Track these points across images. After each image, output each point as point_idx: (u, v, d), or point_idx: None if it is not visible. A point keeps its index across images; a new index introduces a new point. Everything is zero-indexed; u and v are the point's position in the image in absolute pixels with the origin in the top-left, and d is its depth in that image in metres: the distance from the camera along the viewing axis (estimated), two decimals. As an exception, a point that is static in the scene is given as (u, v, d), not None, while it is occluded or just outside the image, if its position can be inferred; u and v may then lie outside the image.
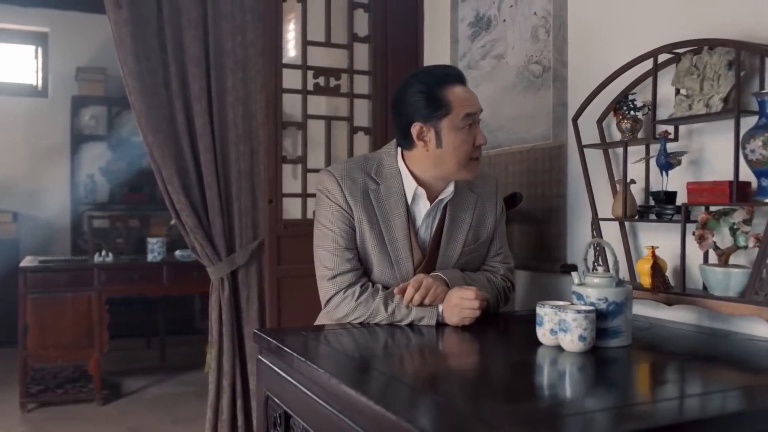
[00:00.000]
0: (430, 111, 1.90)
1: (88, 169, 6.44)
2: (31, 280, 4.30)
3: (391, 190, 2.00)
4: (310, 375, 1.47)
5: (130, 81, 2.97)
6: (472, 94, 1.97)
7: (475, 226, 2.06)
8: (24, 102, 6.39)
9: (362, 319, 1.93)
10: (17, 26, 6.31)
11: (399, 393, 1.32)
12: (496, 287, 2.09)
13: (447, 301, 1.89)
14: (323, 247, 2.01)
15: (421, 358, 1.73)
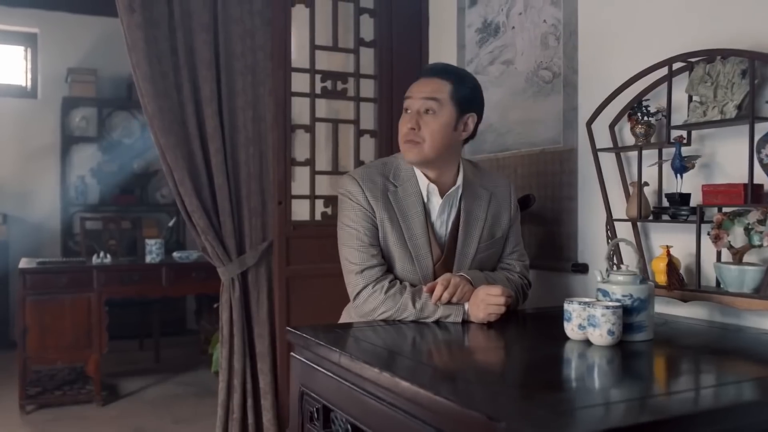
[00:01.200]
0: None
1: (78, 171, 6.42)
2: (31, 282, 4.30)
3: (408, 191, 2.08)
4: (357, 369, 1.53)
5: (142, 84, 3.01)
6: (421, 83, 2.03)
7: (490, 224, 2.11)
8: (13, 103, 6.35)
9: (389, 313, 1.99)
10: (5, 26, 6.28)
11: (449, 383, 1.40)
12: (515, 285, 2.15)
13: (474, 297, 1.96)
14: (348, 245, 2.07)
15: (458, 352, 1.81)
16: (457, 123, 2.01)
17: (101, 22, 6.43)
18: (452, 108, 1.99)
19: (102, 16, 6.40)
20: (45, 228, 6.33)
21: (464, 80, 2.06)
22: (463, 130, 2.04)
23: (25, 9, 6.15)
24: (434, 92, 1.99)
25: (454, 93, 1.99)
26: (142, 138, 6.50)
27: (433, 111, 1.98)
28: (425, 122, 1.98)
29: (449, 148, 2.02)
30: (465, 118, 2.03)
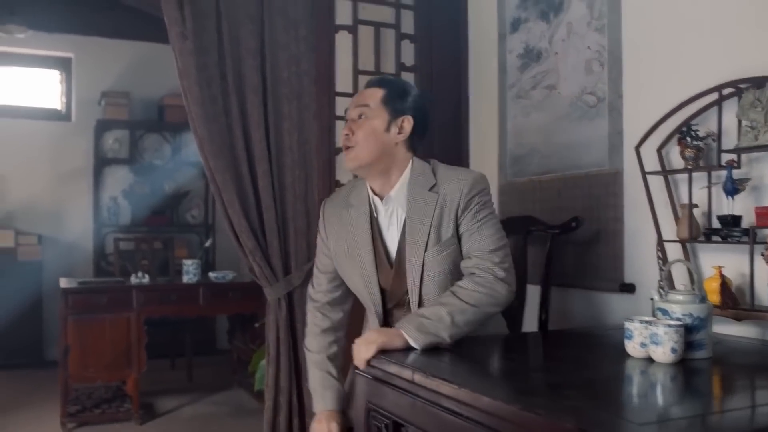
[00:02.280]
0: None
1: (111, 192, 6.53)
2: (72, 302, 4.38)
3: (359, 209, 2.14)
4: (432, 386, 1.59)
5: (193, 108, 3.09)
6: (357, 95, 2.18)
7: (436, 225, 2.04)
8: (48, 126, 6.49)
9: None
10: (42, 51, 6.43)
11: (526, 397, 1.45)
12: (458, 307, 1.93)
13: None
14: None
15: (522, 368, 1.87)
16: (389, 125, 2.07)
17: (133, 47, 6.58)
18: (384, 111, 2.06)
19: (134, 41, 6.57)
20: (78, 248, 6.44)
21: (396, 85, 2.16)
22: (398, 132, 2.08)
23: (61, 34, 6.31)
24: (366, 99, 2.09)
25: (386, 98, 2.08)
26: (173, 160, 6.62)
27: (365, 115, 2.07)
28: (358, 126, 2.06)
29: (385, 149, 2.06)
30: (399, 121, 2.07)
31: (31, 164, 6.33)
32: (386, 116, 2.06)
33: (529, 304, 2.73)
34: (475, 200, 2.03)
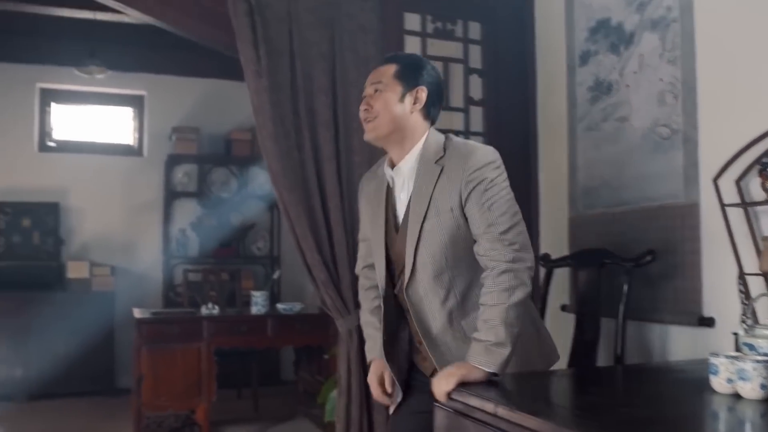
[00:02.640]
0: None
1: (179, 224, 6.71)
2: (146, 332, 4.50)
3: (381, 180, 2.22)
4: (517, 419, 1.59)
5: (268, 144, 3.18)
6: (371, 73, 2.21)
7: (436, 197, 2.05)
8: (122, 161, 6.73)
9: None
10: (117, 90, 6.69)
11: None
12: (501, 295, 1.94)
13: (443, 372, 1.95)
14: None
15: (608, 402, 1.84)
16: (403, 96, 2.11)
17: (202, 84, 6.80)
18: (397, 85, 2.12)
19: (203, 78, 6.78)
20: (148, 279, 6.61)
21: (408, 59, 2.22)
22: (414, 102, 2.12)
23: (135, 73, 6.56)
24: (379, 76, 2.16)
25: (398, 72, 2.14)
26: (239, 193, 6.77)
27: (380, 90, 2.13)
28: (374, 99, 2.13)
29: (401, 120, 2.11)
30: (413, 92, 2.12)
31: (105, 198, 6.57)
32: (400, 88, 2.12)
33: (603, 338, 2.71)
34: (479, 175, 2.01)
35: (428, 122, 2.16)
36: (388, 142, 2.15)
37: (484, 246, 1.99)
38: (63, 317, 6.06)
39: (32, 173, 6.45)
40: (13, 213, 6.32)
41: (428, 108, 2.15)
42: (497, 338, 1.89)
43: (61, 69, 6.40)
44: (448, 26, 3.54)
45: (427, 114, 2.15)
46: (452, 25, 3.54)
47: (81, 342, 6.00)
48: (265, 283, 6.79)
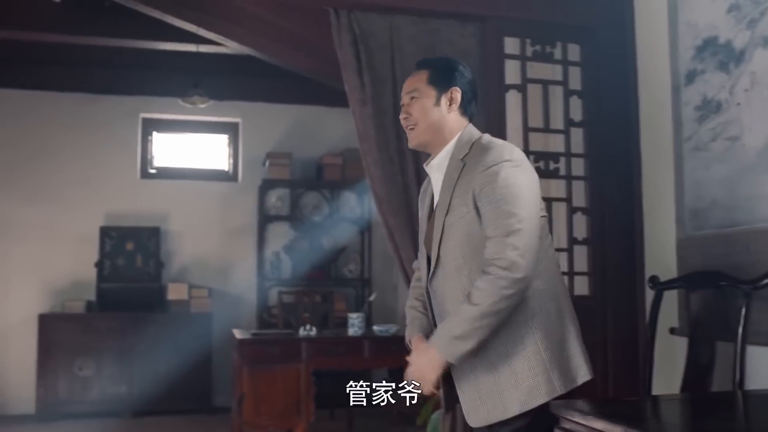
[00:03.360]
0: None
1: (273, 248, 6.88)
2: (248, 352, 4.61)
3: (428, 179, 2.36)
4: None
5: (373, 170, 3.26)
6: (407, 81, 2.30)
7: (457, 193, 2.12)
8: (218, 186, 6.96)
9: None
10: (213, 118, 6.94)
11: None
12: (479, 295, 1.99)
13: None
14: None
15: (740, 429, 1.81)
16: (438, 99, 2.20)
17: (295, 110, 7.00)
18: (431, 89, 2.20)
19: (295, 105, 6.98)
20: (243, 301, 6.80)
21: (439, 63, 2.30)
22: (449, 104, 2.21)
23: (230, 101, 6.79)
24: (413, 85, 2.25)
25: (430, 78, 2.22)
26: (331, 216, 6.90)
27: (415, 97, 2.22)
28: (411, 107, 2.23)
29: (439, 122, 2.20)
30: (447, 93, 2.21)
31: (202, 222, 6.81)
32: (434, 93, 2.20)
33: (718, 363, 2.65)
34: (491, 173, 2.04)
35: (465, 119, 2.25)
36: (431, 147, 2.26)
37: (490, 250, 2.01)
38: (164, 337, 6.30)
39: (135, 199, 6.75)
40: (117, 237, 6.61)
41: (464, 106, 2.24)
42: (462, 332, 1.98)
43: (162, 99, 6.71)
44: (548, 49, 3.55)
45: (464, 112, 2.24)
46: (551, 47, 3.55)
47: (181, 361, 6.21)
48: (356, 305, 6.88)
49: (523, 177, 2.05)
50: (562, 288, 2.19)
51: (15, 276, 6.44)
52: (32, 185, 6.50)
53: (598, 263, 3.51)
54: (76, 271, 6.54)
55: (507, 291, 1.95)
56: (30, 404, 6.12)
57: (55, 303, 6.42)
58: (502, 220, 1.98)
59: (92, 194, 6.60)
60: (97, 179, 6.63)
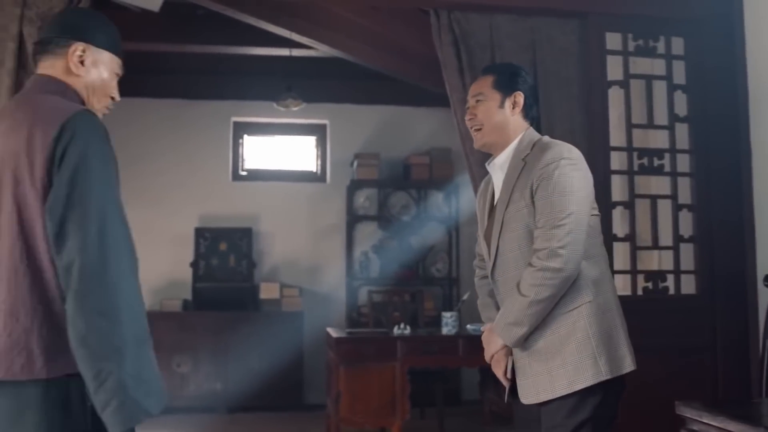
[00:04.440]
0: None
1: (361, 247, 6.95)
2: (344, 351, 4.69)
3: (488, 178, 2.45)
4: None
5: (476, 170, 3.26)
6: (473, 84, 2.43)
7: (516, 189, 2.22)
8: (306, 187, 7.09)
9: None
10: (301, 120, 7.06)
11: None
12: (526, 287, 2.12)
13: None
14: None
15: None
16: (502, 102, 2.31)
17: (381, 111, 7.06)
18: (496, 93, 2.31)
19: (381, 105, 7.04)
20: (332, 300, 6.90)
21: (504, 68, 2.43)
22: (513, 107, 2.31)
23: (318, 104, 6.89)
24: (479, 88, 2.36)
25: (495, 82, 2.33)
26: (418, 216, 6.93)
27: (480, 100, 2.33)
28: (477, 109, 2.34)
29: (503, 125, 2.31)
30: (511, 97, 2.31)
31: (292, 222, 6.93)
32: (498, 96, 2.31)
33: None
34: (548, 170, 2.14)
35: (527, 123, 2.35)
36: (494, 147, 2.35)
37: (535, 236, 2.14)
38: (257, 335, 6.44)
39: (227, 201, 6.93)
40: (211, 238, 6.81)
41: (526, 110, 2.34)
42: (515, 320, 2.12)
43: (252, 103, 6.87)
44: (650, 43, 3.48)
45: (525, 115, 2.34)
46: (654, 41, 3.49)
47: (273, 359, 6.34)
48: (444, 304, 6.89)
49: (577, 175, 2.16)
50: (612, 283, 2.29)
51: (117, 275, 6.71)
52: (133, 189, 6.72)
53: (705, 261, 3.42)
54: (172, 271, 6.76)
55: (549, 281, 2.07)
56: (132, 399, 6.36)
57: (154, 302, 6.64)
58: (551, 213, 2.10)
59: (187, 196, 6.82)
60: (192, 182, 6.85)
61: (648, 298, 3.38)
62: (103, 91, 1.84)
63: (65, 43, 1.76)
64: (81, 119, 1.61)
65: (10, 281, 1.60)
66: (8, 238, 1.61)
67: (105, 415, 1.54)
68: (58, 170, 1.56)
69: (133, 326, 1.61)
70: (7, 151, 1.61)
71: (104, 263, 1.56)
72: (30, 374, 1.58)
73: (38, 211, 1.58)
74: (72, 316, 1.55)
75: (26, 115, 1.63)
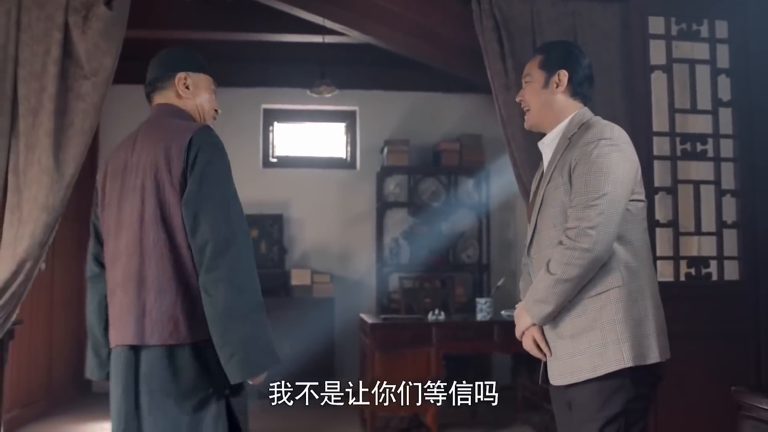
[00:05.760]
0: None
1: (392, 234, 6.96)
2: (379, 336, 4.71)
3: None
4: None
5: (517, 155, 3.26)
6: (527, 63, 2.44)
7: (559, 166, 2.21)
8: (336, 174, 7.10)
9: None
10: (331, 107, 7.07)
11: None
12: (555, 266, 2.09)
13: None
14: None
15: None
16: (547, 82, 2.31)
17: (410, 97, 7.05)
18: (541, 73, 2.32)
19: (411, 91, 7.03)
20: (363, 286, 6.92)
21: (551, 48, 2.40)
22: (556, 86, 2.30)
23: (347, 90, 6.88)
24: (528, 69, 2.39)
25: (542, 61, 2.34)
26: (448, 202, 6.93)
27: (528, 82, 2.37)
28: (525, 90, 2.38)
29: (549, 105, 2.31)
30: (555, 76, 2.30)
31: (323, 209, 6.96)
32: (543, 76, 2.31)
33: None
34: (587, 149, 2.12)
35: (578, 101, 2.32)
36: (543, 127, 2.36)
37: (568, 215, 2.12)
38: (289, 321, 6.46)
39: (257, 187, 6.94)
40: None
41: (574, 88, 2.31)
42: (542, 297, 2.10)
43: (282, 90, 6.90)
44: (694, 27, 3.45)
45: (573, 93, 2.31)
46: (697, 25, 3.45)
47: (305, 345, 6.36)
48: (474, 290, 6.89)
49: (617, 156, 2.11)
50: (651, 271, 2.20)
51: (151, 262, 6.79)
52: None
53: (749, 247, 3.40)
54: (206, 257, 6.81)
55: (577, 261, 2.04)
56: (167, 384, 6.44)
57: (187, 288, 6.72)
58: (585, 193, 2.08)
59: (218, 183, 6.85)
60: (223, 169, 6.88)
61: (691, 284, 3.36)
62: (209, 106, 2.28)
63: (171, 76, 2.20)
64: (204, 133, 2.04)
65: (158, 265, 1.99)
66: (153, 230, 2.00)
67: (229, 366, 1.90)
68: (190, 173, 1.98)
69: (254, 295, 1.96)
70: (147, 162, 2.03)
71: (229, 244, 1.93)
72: (178, 339, 1.96)
73: (177, 207, 1.98)
74: (205, 287, 1.93)
75: (159, 134, 2.07)
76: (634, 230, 2.16)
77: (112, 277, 2.08)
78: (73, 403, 6.19)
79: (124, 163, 2.11)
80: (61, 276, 5.96)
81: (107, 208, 2.13)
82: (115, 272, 2.06)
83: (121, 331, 2.02)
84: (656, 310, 2.15)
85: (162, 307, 1.96)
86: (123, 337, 2.01)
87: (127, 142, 2.16)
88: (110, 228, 2.11)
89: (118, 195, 2.09)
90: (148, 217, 2.01)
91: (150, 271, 1.99)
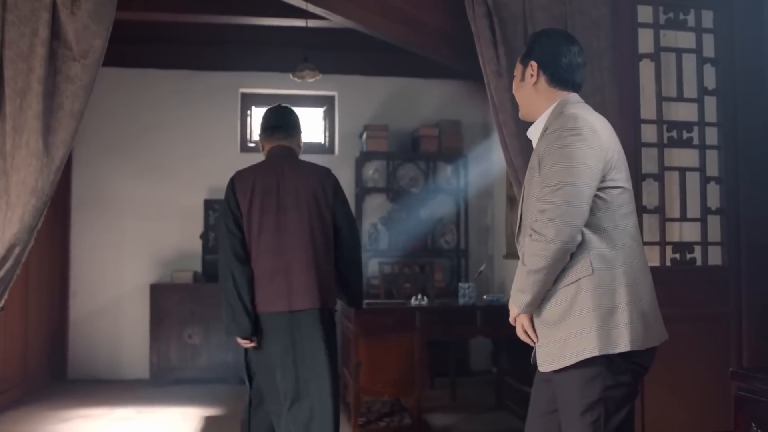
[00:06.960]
0: None
1: (371, 219, 6.97)
2: (365, 321, 4.73)
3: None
4: None
5: (509, 141, 3.28)
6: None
7: (534, 157, 2.23)
8: (314, 159, 6.91)
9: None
10: (309, 92, 7.02)
11: None
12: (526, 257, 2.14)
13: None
14: None
15: None
16: (523, 74, 2.36)
17: (390, 82, 7.05)
18: (519, 67, 2.38)
19: (390, 77, 7.02)
20: (341, 272, 6.91)
21: (530, 40, 2.43)
22: (531, 76, 2.32)
23: (326, 75, 6.85)
24: (515, 66, 2.44)
25: (522, 56, 2.39)
26: (427, 188, 6.95)
27: (515, 76, 2.43)
28: (514, 86, 2.44)
29: (528, 97, 2.35)
30: (527, 70, 2.33)
31: (301, 195, 6.92)
32: (521, 69, 2.36)
33: None
34: (550, 139, 2.13)
35: (558, 89, 2.30)
36: (533, 117, 2.36)
37: (536, 207, 2.13)
38: (267, 307, 6.48)
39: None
40: (220, 210, 6.79)
41: (550, 76, 2.29)
42: (520, 287, 2.15)
43: (260, 74, 6.85)
44: (681, 16, 3.50)
45: (551, 81, 2.29)
46: (684, 14, 3.50)
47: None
48: (451, 275, 6.94)
49: (580, 145, 2.08)
50: (630, 260, 2.14)
51: (127, 247, 6.72)
52: (142, 161, 6.73)
53: (732, 233, 3.48)
54: (182, 243, 6.77)
55: (542, 252, 2.06)
56: (144, 369, 6.41)
57: (164, 273, 6.67)
58: (546, 184, 2.09)
59: (196, 169, 6.79)
60: (200, 154, 6.82)
61: (676, 269, 3.43)
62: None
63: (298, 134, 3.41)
64: (335, 176, 3.32)
65: (317, 254, 3.07)
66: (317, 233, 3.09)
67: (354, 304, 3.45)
68: (334, 199, 3.21)
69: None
70: (306, 188, 3.14)
71: (359, 243, 3.35)
72: (324, 304, 3.07)
73: (329, 219, 3.16)
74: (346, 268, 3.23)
75: (307, 170, 3.27)
76: (608, 218, 2.11)
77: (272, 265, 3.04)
78: (49, 389, 6.13)
79: (277, 185, 3.12)
80: (37, 263, 5.87)
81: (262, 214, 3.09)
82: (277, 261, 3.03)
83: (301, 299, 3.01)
84: (632, 298, 2.10)
85: (316, 280, 3.03)
86: (303, 303, 3.00)
87: (268, 169, 3.24)
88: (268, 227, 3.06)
89: (275, 206, 3.08)
90: (314, 223, 3.08)
91: (320, 259, 3.07)
